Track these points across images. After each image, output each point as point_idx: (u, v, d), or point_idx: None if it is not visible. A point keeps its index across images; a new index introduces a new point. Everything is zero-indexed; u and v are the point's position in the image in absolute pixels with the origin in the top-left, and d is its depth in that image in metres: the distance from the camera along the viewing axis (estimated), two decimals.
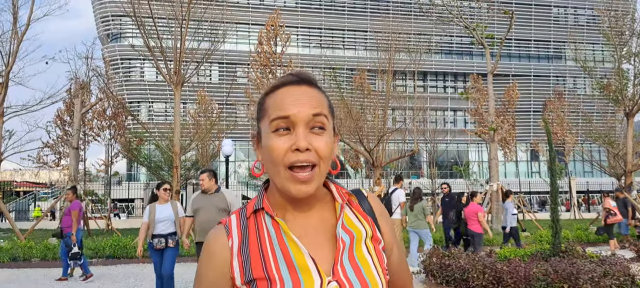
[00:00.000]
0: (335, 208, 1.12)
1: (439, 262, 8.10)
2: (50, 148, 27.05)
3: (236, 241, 1.07)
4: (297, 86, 1.08)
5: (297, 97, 1.05)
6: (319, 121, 1.04)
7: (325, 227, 1.09)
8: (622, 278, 6.45)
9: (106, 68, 26.95)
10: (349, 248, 1.06)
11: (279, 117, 1.03)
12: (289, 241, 1.03)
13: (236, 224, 1.10)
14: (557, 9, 54.51)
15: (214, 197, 6.64)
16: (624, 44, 20.62)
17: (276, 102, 1.06)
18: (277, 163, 1.02)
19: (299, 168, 1.01)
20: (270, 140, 1.03)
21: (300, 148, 1.00)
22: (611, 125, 27.86)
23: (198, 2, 17.61)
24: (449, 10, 20.88)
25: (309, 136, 1.02)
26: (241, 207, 1.15)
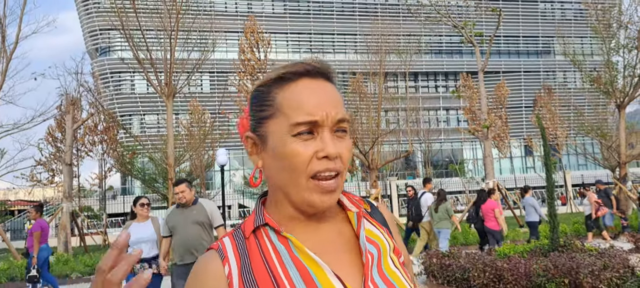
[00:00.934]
0: (351, 219, 0.99)
1: (439, 262, 8.09)
2: (43, 166, 26.85)
3: (235, 266, 0.91)
4: (314, 79, 0.93)
5: (321, 97, 0.91)
6: (343, 126, 0.92)
7: (343, 240, 0.96)
8: (621, 270, 6.45)
9: (96, 82, 26.83)
10: (377, 262, 0.93)
11: (304, 121, 0.89)
12: (304, 258, 0.89)
13: (231, 246, 0.94)
14: (544, 4, 54.88)
15: (192, 211, 5.67)
16: (612, 37, 20.76)
17: (295, 100, 0.91)
18: (298, 172, 0.88)
19: (324, 178, 0.89)
20: (291, 146, 0.89)
21: (331, 155, 0.88)
22: (603, 117, 28.02)
23: (186, 12, 17.57)
24: (437, 10, 20.96)
25: (336, 142, 0.90)
26: (235, 228, 0.99)
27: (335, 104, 0.91)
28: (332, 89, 0.94)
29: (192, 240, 5.47)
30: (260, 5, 48.42)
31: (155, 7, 17.44)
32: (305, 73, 0.93)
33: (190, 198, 5.67)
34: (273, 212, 0.97)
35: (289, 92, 0.92)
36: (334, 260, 0.91)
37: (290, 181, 0.90)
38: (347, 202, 1.00)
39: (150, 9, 17.65)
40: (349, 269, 0.91)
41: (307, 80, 0.93)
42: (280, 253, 0.90)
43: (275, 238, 0.92)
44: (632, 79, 19.63)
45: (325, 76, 0.95)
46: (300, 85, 0.92)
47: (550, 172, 8.51)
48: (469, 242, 14.24)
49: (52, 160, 26.91)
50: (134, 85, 45.85)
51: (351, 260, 0.93)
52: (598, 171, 41.20)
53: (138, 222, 6.33)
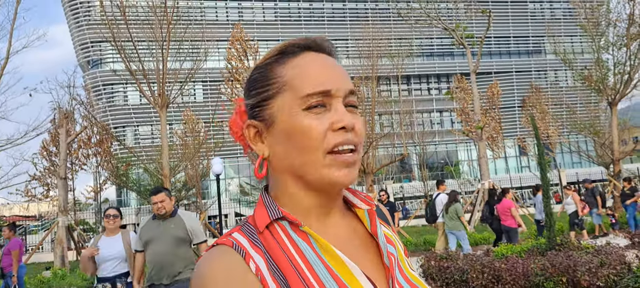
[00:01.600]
0: (361, 217, 0.91)
1: (437, 265, 8.09)
2: (38, 181, 26.71)
3: (261, 262, 0.78)
4: (318, 54, 0.87)
5: (330, 68, 0.85)
6: (353, 100, 0.86)
7: (359, 239, 0.88)
8: (618, 267, 6.48)
9: (88, 95, 26.75)
10: (397, 263, 0.87)
11: (317, 92, 0.81)
12: (328, 257, 0.79)
13: (248, 242, 0.81)
14: (533, 5, 55.29)
15: (170, 223, 4.92)
16: (601, 35, 20.93)
17: (303, 72, 0.83)
18: (314, 148, 0.80)
19: (343, 152, 0.81)
20: (303, 120, 0.80)
21: (348, 126, 0.81)
22: (595, 115, 28.21)
23: (177, 22, 17.58)
24: (427, 13, 21.08)
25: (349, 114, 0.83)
26: (241, 224, 0.87)
27: (343, 75, 0.86)
28: (337, 63, 0.89)
29: (169, 257, 4.77)
30: (251, 13, 48.54)
31: (146, 18, 17.44)
32: (307, 47, 0.88)
33: (170, 209, 4.99)
34: (287, 204, 0.86)
35: (295, 65, 0.85)
36: (357, 259, 0.82)
37: (306, 160, 0.81)
38: (354, 198, 0.93)
39: (142, 20, 17.65)
40: (372, 269, 0.83)
41: (312, 53, 0.87)
42: (302, 249, 0.80)
43: (294, 234, 0.82)
44: (622, 76, 19.79)
45: (327, 51, 0.90)
46: (306, 57, 0.86)
47: (544, 171, 8.56)
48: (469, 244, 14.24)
49: (46, 174, 26.78)
50: (126, 97, 45.76)
51: (371, 260, 0.86)
52: (592, 168, 41.43)
53: (107, 235, 5.58)
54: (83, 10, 44.03)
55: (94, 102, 29.36)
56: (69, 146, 21.86)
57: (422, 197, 31.65)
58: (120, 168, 24.91)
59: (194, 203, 29.25)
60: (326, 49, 0.89)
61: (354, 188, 0.94)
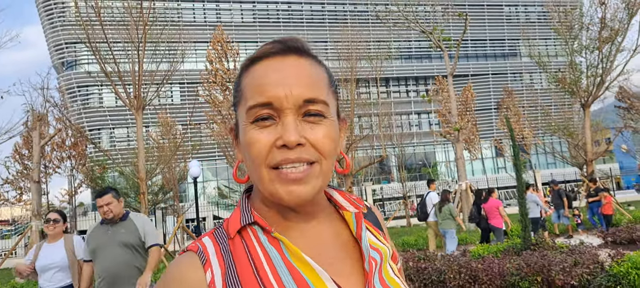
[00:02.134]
0: (348, 220, 0.87)
1: (415, 265, 8.13)
2: (10, 184, 26.12)
3: (218, 272, 0.77)
4: (282, 57, 0.81)
5: (283, 74, 0.78)
6: (314, 108, 0.78)
7: (340, 243, 0.85)
8: (591, 265, 6.60)
9: (63, 97, 26.27)
10: (378, 269, 0.84)
11: (258, 104, 0.77)
12: (298, 263, 0.77)
13: (214, 249, 0.80)
14: (508, 8, 56.12)
15: (119, 229, 4.40)
16: (575, 38, 21.34)
17: (254, 82, 0.79)
18: (257, 163, 0.77)
19: (290, 167, 0.77)
20: (248, 134, 0.78)
21: (289, 143, 0.75)
22: (569, 116, 28.76)
23: (154, 24, 17.37)
24: (405, 16, 21.23)
25: (301, 126, 0.77)
26: (216, 227, 0.86)
27: (302, 82, 0.78)
28: (304, 65, 0.81)
29: (118, 267, 4.26)
30: (229, 15, 48.25)
31: (122, 18, 17.19)
32: (275, 51, 0.82)
33: (119, 212, 4.45)
34: (260, 208, 0.84)
35: (252, 74, 0.81)
36: (331, 265, 0.81)
37: (256, 175, 0.79)
38: (343, 200, 0.90)
39: (117, 21, 17.39)
40: (348, 276, 0.81)
41: (274, 59, 0.81)
42: (270, 256, 0.78)
43: (265, 240, 0.80)
44: (595, 78, 20.20)
45: (299, 52, 0.83)
46: (264, 65, 0.81)
47: (520, 172, 8.68)
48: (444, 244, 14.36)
49: (19, 178, 26.22)
50: (102, 99, 45.06)
51: (351, 266, 0.83)
52: (567, 169, 42.21)
53: (49, 242, 4.97)
54: (57, 11, 43.24)
55: (68, 104, 28.86)
56: (43, 149, 21.42)
57: (401, 198, 31.83)
58: (96, 171, 24.50)
59: (171, 206, 28.94)
60: (295, 51, 0.82)
61: (343, 190, 0.92)
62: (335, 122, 0.82)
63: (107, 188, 4.59)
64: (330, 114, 0.81)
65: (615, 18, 19.94)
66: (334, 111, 0.83)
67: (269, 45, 0.83)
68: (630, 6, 19.47)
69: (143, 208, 15.58)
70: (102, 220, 4.50)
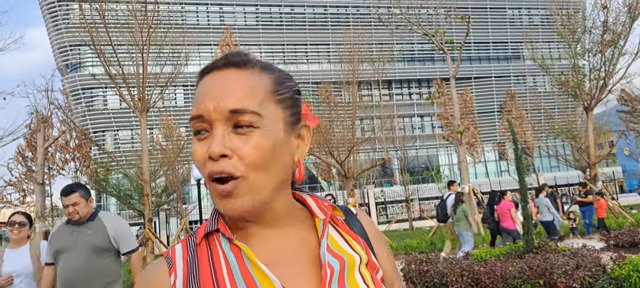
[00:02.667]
0: (317, 227, 0.88)
1: (417, 268, 8.16)
2: (14, 187, 26.21)
3: (181, 276, 0.82)
4: (222, 71, 0.83)
5: (215, 88, 0.80)
6: (243, 119, 0.78)
7: (306, 251, 0.86)
8: (593, 268, 6.62)
9: (67, 99, 26.38)
10: (339, 276, 0.83)
11: (193, 116, 0.81)
12: (254, 269, 0.80)
13: (182, 254, 0.85)
14: (511, 11, 56.11)
15: (86, 229, 3.87)
16: (577, 41, 21.34)
17: (196, 96, 0.83)
18: (201, 173, 0.81)
19: (218, 180, 0.79)
20: (193, 145, 0.82)
21: (212, 155, 0.77)
22: (572, 119, 28.73)
23: (158, 26, 17.46)
24: (408, 19, 21.27)
25: (229, 138, 0.78)
26: (189, 234, 0.90)
27: (232, 92, 0.79)
28: (239, 77, 0.81)
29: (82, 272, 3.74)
30: (232, 18, 48.38)
31: (126, 21, 17.28)
32: (217, 66, 0.84)
33: (86, 213, 3.92)
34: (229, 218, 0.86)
35: (198, 88, 0.84)
36: (289, 273, 0.82)
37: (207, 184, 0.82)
38: (315, 207, 0.90)
39: (121, 24, 17.49)
40: (306, 284, 0.81)
41: (216, 73, 0.83)
42: (229, 263, 0.81)
43: (227, 247, 0.83)
44: (597, 81, 20.19)
45: (237, 65, 0.83)
46: (206, 79, 0.84)
47: (522, 175, 8.69)
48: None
49: (23, 180, 26.31)
50: (106, 101, 45.21)
51: (311, 274, 0.83)
52: (570, 172, 42.13)
53: (12, 247, 4.47)
54: (62, 14, 43.43)
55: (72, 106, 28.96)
56: (47, 151, 21.53)
57: (403, 202, 31.82)
58: (100, 174, 24.58)
59: (174, 208, 29.02)
60: (234, 64, 0.83)
61: (318, 197, 0.93)
62: (272, 132, 0.80)
63: (74, 186, 4.00)
64: (265, 124, 0.79)
65: (617, 22, 19.95)
66: (274, 120, 0.81)
67: (215, 61, 0.85)
68: (633, 10, 19.48)
69: (147, 209, 15.65)
70: (67, 219, 3.96)
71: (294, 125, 0.86)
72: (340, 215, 0.93)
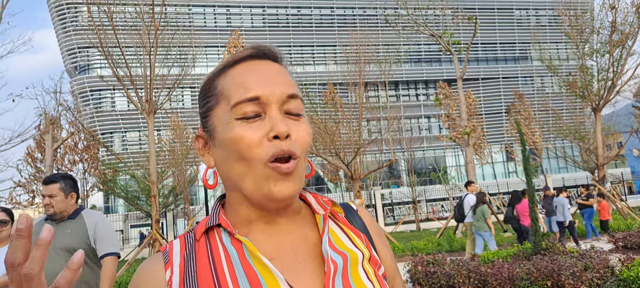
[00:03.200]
0: (318, 223, 0.88)
1: (424, 270, 8.15)
2: (23, 188, 26.41)
3: (177, 271, 0.81)
4: (259, 61, 0.85)
5: (266, 74, 0.82)
6: (294, 105, 0.82)
7: (307, 247, 0.85)
8: (602, 270, 6.59)
9: (75, 101, 26.55)
10: (343, 271, 0.82)
11: (245, 99, 0.79)
12: (257, 264, 0.79)
13: (179, 249, 0.84)
14: (519, 11, 55.89)
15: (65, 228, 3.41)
16: (585, 42, 21.22)
17: (236, 81, 0.82)
18: (249, 158, 0.78)
19: (283, 160, 0.78)
20: (235, 130, 0.79)
21: (281, 134, 0.77)
22: (580, 120, 28.56)
23: (165, 28, 17.55)
24: (415, 20, 21.23)
25: (286, 121, 0.80)
26: (188, 230, 0.90)
27: (282, 81, 0.82)
28: (279, 69, 0.85)
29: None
30: (239, 20, 48.54)
31: (134, 23, 17.38)
32: (252, 55, 0.86)
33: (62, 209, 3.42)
34: (230, 214, 0.87)
35: (231, 75, 0.84)
36: (291, 268, 0.82)
37: (242, 171, 0.80)
38: (315, 204, 0.89)
39: (129, 26, 17.59)
40: (308, 279, 0.81)
41: (251, 62, 0.85)
42: (230, 257, 0.81)
43: (228, 241, 0.83)
44: (606, 82, 20.07)
45: (272, 58, 0.87)
46: (242, 67, 0.84)
47: (530, 176, 8.66)
48: (454, 249, 14.35)
49: (31, 181, 26.50)
50: (114, 103, 45.48)
51: (313, 270, 0.82)
52: (578, 173, 41.93)
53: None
54: (70, 16, 43.74)
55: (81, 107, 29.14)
56: (55, 152, 21.68)
57: (411, 203, 31.75)
58: (108, 175, 24.72)
59: (182, 209, 29.11)
60: (269, 56, 0.86)
61: (316, 193, 0.93)
62: (307, 121, 0.84)
63: (57, 176, 3.52)
64: (304, 113, 0.84)
65: (625, 22, 19.82)
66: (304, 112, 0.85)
67: (245, 51, 0.86)
68: None
69: (154, 211, 15.72)
70: (46, 215, 3.54)
71: None
72: (340, 211, 0.93)
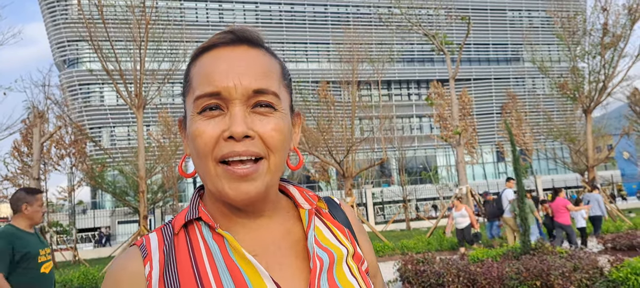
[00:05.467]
0: (302, 218, 0.85)
1: (414, 268, 8.10)
2: (9, 181, 26.10)
3: (157, 266, 0.77)
4: (232, 47, 0.79)
5: (232, 63, 0.76)
6: (264, 99, 0.76)
7: (290, 242, 0.82)
8: (591, 271, 6.56)
9: (64, 95, 26.28)
10: (328, 268, 0.80)
11: (206, 94, 0.75)
12: (240, 260, 0.75)
13: (157, 243, 0.80)
14: (511, 13, 56.13)
15: None
16: (577, 44, 21.29)
17: (202, 71, 0.77)
18: (203, 155, 0.75)
19: (237, 162, 0.74)
20: (195, 124, 0.75)
21: (236, 135, 0.73)
22: (571, 122, 28.69)
23: (156, 23, 17.37)
24: (408, 19, 21.20)
25: (250, 118, 0.75)
26: (165, 223, 0.85)
27: (251, 72, 0.76)
28: (254, 56, 0.78)
29: None
30: (231, 15, 48.32)
31: (125, 17, 17.20)
32: (225, 41, 0.79)
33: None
34: (209, 205, 0.83)
35: (200, 63, 0.79)
36: (276, 264, 0.79)
37: (200, 168, 0.77)
38: (300, 197, 0.87)
39: (120, 20, 17.41)
40: (292, 276, 0.78)
41: (223, 49, 0.79)
42: (212, 252, 0.77)
43: (209, 236, 0.79)
44: (597, 84, 20.14)
45: (250, 42, 0.80)
46: (213, 54, 0.78)
47: (520, 177, 8.64)
48: (444, 248, 14.33)
49: (18, 175, 26.20)
50: (103, 97, 45.12)
51: (297, 265, 0.80)
52: (568, 175, 42.15)
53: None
54: (60, 9, 43.33)
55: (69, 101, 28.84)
56: (42, 146, 21.44)
57: (401, 202, 31.74)
58: (95, 170, 24.50)
59: (170, 205, 28.92)
60: (248, 40, 0.80)
61: (301, 186, 0.89)
62: (286, 116, 0.80)
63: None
64: (282, 107, 0.78)
65: (617, 24, 19.88)
66: (286, 104, 0.81)
67: (221, 35, 0.80)
68: (633, 12, 19.42)
69: (142, 206, 15.57)
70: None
71: (291, 112, 0.85)
72: (323, 207, 0.90)
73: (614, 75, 20.00)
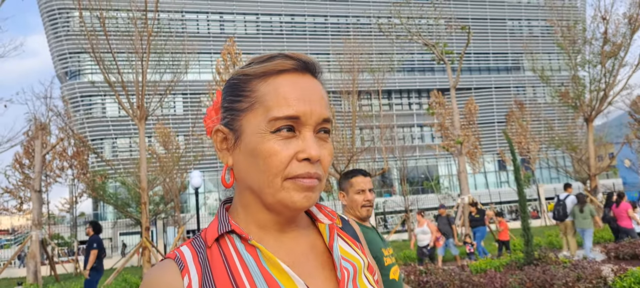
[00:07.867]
0: (323, 232, 0.90)
1: (417, 279, 8.07)
2: (11, 194, 26.09)
3: (195, 277, 0.79)
4: (301, 74, 0.85)
5: (306, 92, 0.82)
6: (327, 127, 0.85)
7: (316, 254, 0.88)
8: (594, 280, 6.53)
9: (66, 106, 26.32)
10: (353, 279, 0.86)
11: (285, 116, 0.80)
12: (274, 270, 0.79)
13: (191, 256, 0.83)
14: (511, 22, 56.27)
15: None
16: (578, 52, 21.33)
17: (279, 93, 0.82)
18: (274, 173, 0.79)
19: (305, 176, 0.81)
20: (268, 143, 0.80)
21: (313, 158, 0.80)
22: (572, 131, 28.66)
23: (158, 34, 17.43)
24: (408, 29, 21.27)
25: (318, 144, 0.83)
26: (193, 237, 0.88)
27: (320, 101, 0.83)
28: (318, 86, 0.86)
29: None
30: (233, 27, 48.51)
31: (126, 29, 17.26)
32: (295, 68, 0.85)
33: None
34: (240, 218, 0.87)
35: (272, 84, 0.83)
36: (307, 274, 0.83)
37: (264, 183, 0.81)
38: (318, 213, 0.93)
39: (121, 32, 17.46)
40: (323, 284, 0.83)
41: (294, 75, 0.84)
42: (247, 263, 0.81)
43: (242, 248, 0.83)
44: (598, 92, 20.16)
45: (312, 72, 0.87)
46: (285, 79, 0.83)
47: (521, 186, 8.62)
48: (446, 259, 14.28)
49: (20, 187, 26.20)
50: (105, 109, 45.18)
51: (325, 276, 0.85)
52: None
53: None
54: (62, 21, 43.53)
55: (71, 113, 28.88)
56: (44, 158, 21.45)
57: (403, 212, 31.66)
58: (97, 181, 24.49)
59: (172, 217, 28.88)
60: (311, 70, 0.87)
61: (319, 203, 0.95)
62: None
63: None
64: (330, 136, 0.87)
65: (617, 33, 19.94)
66: None
67: (288, 61, 0.84)
68: (633, 21, 19.48)
69: (144, 218, 15.54)
70: None
71: None
72: (338, 223, 0.96)
73: (615, 83, 20.03)
